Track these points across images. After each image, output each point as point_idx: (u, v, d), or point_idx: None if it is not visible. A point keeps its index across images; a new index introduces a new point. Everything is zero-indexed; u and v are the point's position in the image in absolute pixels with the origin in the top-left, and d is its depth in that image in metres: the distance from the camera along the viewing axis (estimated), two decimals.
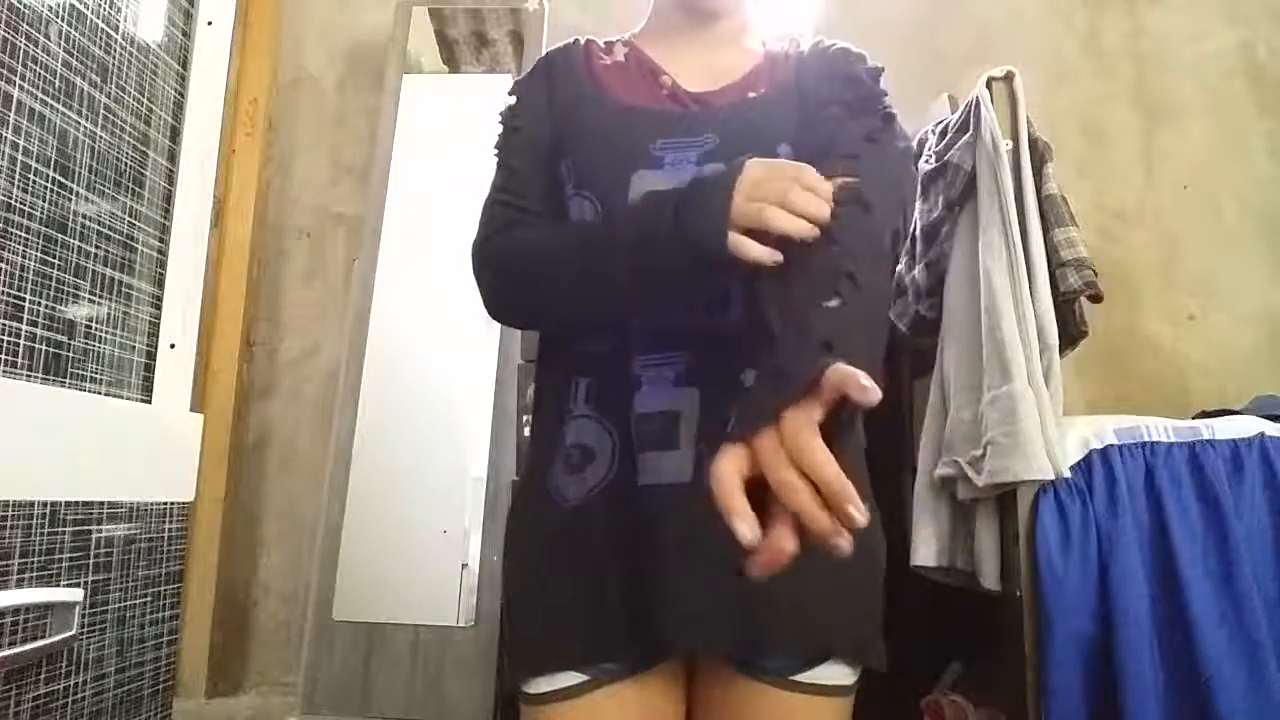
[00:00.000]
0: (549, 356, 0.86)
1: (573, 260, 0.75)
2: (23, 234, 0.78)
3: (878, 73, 0.83)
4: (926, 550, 1.46)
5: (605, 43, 0.92)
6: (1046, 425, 1.31)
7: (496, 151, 0.89)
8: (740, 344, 0.74)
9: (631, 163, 0.79)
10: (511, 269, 0.81)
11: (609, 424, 0.76)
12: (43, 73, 0.81)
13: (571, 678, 0.72)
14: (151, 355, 0.98)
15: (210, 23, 1.06)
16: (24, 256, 0.79)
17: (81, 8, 0.86)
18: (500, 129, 0.89)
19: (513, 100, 0.90)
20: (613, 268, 0.71)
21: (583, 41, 0.91)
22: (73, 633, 0.81)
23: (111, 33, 0.90)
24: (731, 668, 0.73)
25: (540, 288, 0.78)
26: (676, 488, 0.73)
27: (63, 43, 0.83)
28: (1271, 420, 1.39)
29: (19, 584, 0.76)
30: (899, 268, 1.66)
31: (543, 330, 0.88)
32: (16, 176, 0.78)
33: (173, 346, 1.00)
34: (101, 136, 0.89)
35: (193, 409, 1.04)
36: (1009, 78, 1.50)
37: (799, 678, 0.72)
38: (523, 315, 0.88)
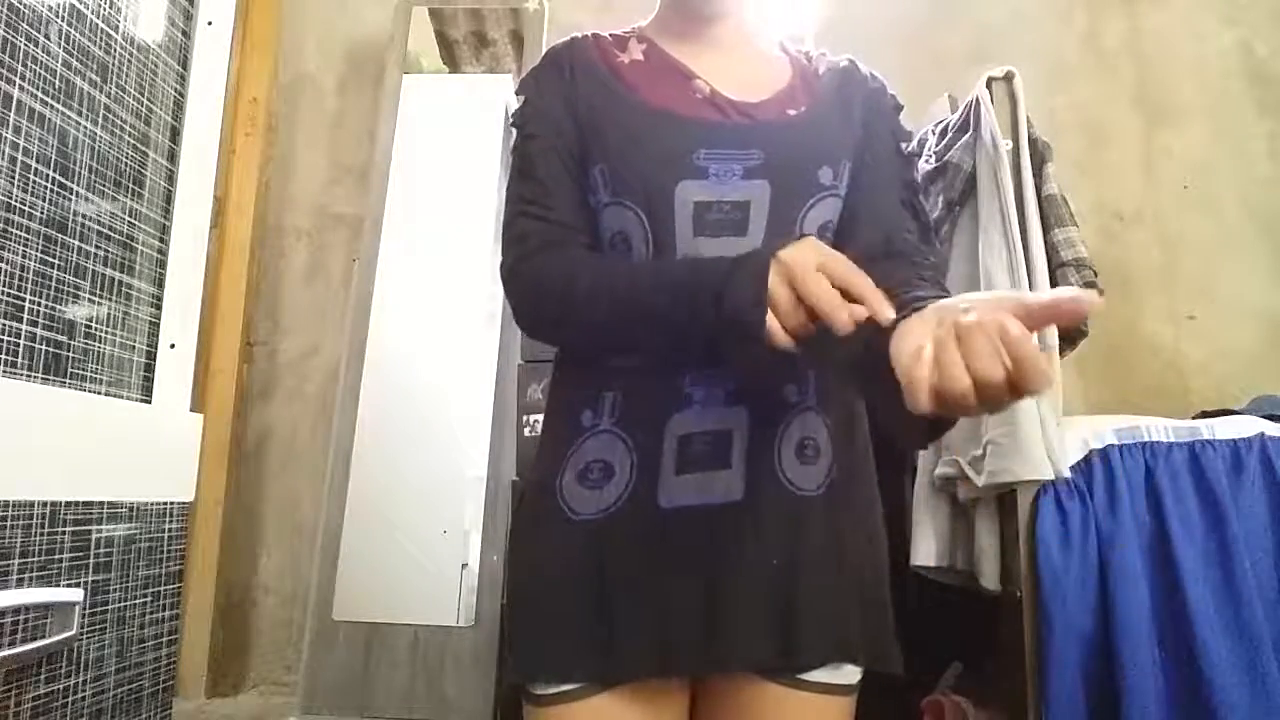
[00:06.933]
0: (571, 364, 0.82)
1: (620, 305, 0.71)
2: (23, 234, 0.78)
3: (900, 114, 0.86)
4: (926, 550, 1.46)
5: (613, 37, 0.86)
6: (1046, 425, 1.31)
7: (514, 158, 0.82)
8: (785, 359, 0.71)
9: (675, 172, 0.75)
10: (551, 299, 0.76)
11: (631, 440, 0.74)
12: (43, 73, 0.81)
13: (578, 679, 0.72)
14: (151, 355, 0.97)
15: (210, 23, 1.06)
16: (24, 256, 0.79)
17: (81, 8, 0.86)
18: (515, 135, 0.83)
19: (522, 102, 0.83)
20: (660, 323, 0.69)
21: (591, 37, 0.85)
22: (73, 633, 0.81)
23: (111, 33, 0.90)
24: None
25: (582, 322, 0.75)
26: (728, 507, 0.72)
27: (63, 43, 0.83)
28: (1271, 420, 1.39)
29: (19, 584, 0.76)
30: None
31: (582, 352, 0.82)
32: (16, 176, 0.78)
33: (173, 346, 0.99)
34: (101, 136, 0.89)
35: (193, 409, 1.04)
36: (1009, 78, 1.50)
37: (807, 677, 0.72)
38: (560, 341, 0.84)
